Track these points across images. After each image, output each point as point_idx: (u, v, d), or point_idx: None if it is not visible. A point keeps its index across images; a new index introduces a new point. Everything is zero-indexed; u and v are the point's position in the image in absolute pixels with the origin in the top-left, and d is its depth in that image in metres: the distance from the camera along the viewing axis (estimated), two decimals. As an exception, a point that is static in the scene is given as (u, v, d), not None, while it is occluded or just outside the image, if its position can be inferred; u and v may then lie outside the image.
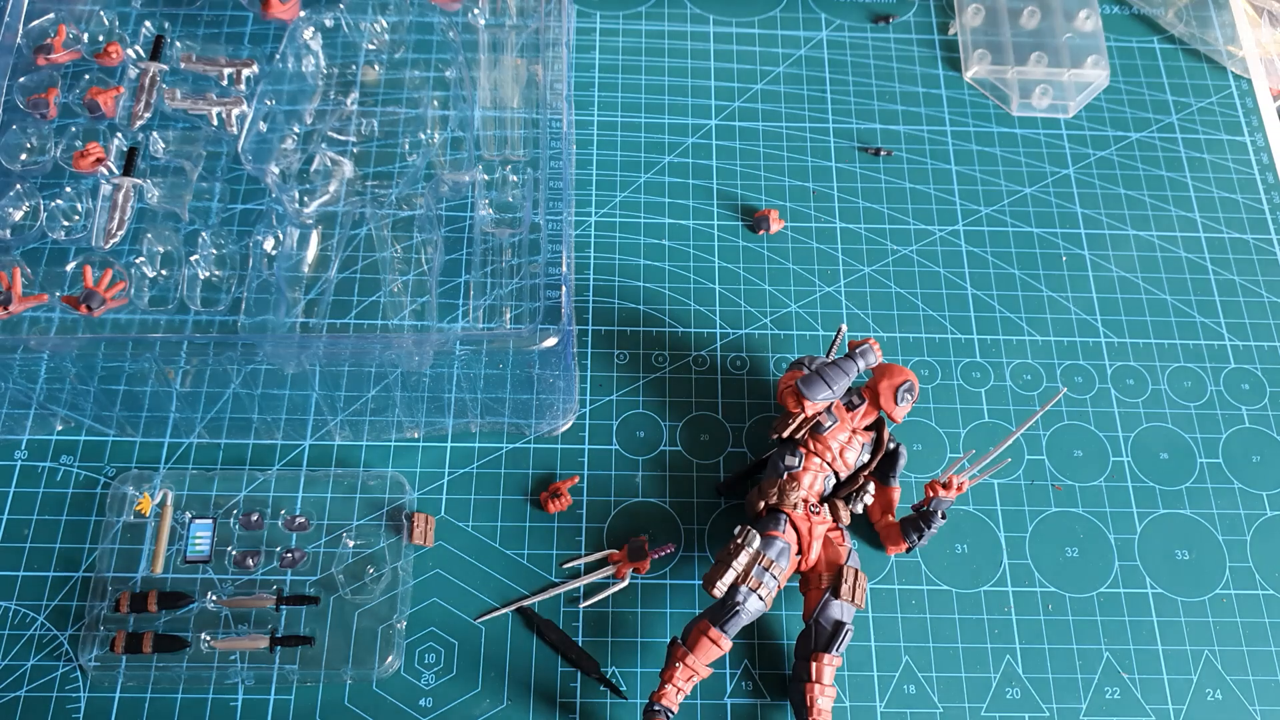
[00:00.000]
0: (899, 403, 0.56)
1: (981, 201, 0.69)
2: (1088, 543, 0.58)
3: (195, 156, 0.63)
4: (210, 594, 0.54)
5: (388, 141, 0.65)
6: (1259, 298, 0.67)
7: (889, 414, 0.57)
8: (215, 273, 0.60)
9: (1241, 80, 0.76)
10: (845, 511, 0.56)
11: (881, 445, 0.57)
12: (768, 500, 0.54)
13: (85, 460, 0.58)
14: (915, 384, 0.57)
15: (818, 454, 0.55)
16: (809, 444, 0.55)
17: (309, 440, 0.58)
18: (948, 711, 0.54)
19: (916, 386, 0.57)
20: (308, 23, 0.67)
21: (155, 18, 0.67)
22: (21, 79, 0.63)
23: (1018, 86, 0.74)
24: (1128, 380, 0.63)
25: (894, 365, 0.57)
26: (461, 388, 0.56)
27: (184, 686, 0.52)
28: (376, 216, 0.63)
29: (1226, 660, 0.55)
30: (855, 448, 0.56)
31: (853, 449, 0.56)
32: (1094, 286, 0.67)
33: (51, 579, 0.55)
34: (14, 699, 0.52)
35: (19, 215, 0.60)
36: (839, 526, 0.55)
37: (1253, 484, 0.61)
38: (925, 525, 0.55)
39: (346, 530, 0.56)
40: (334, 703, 0.52)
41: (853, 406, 0.57)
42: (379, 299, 0.61)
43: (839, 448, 0.55)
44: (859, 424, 0.57)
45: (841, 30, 0.76)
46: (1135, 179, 0.71)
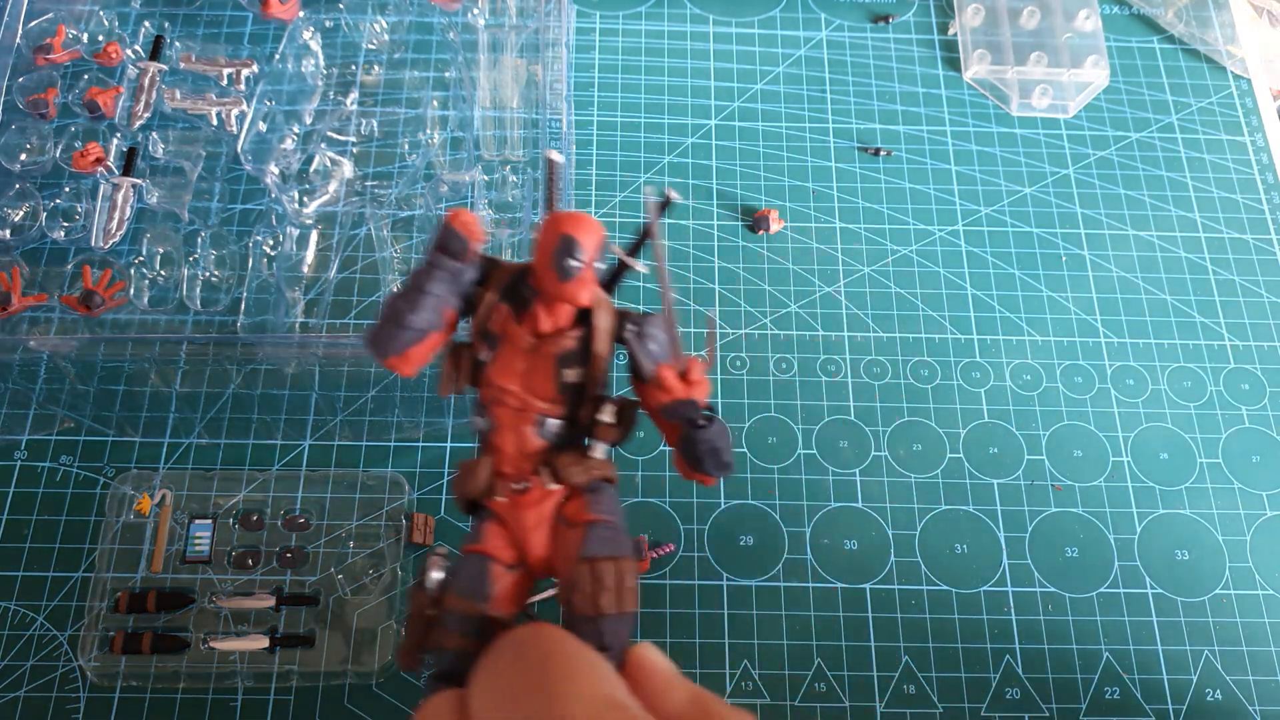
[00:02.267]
0: (560, 266, 0.33)
1: (981, 201, 0.69)
2: (1087, 543, 0.58)
3: (195, 157, 0.63)
4: (210, 594, 0.54)
5: (387, 142, 0.65)
6: (1259, 298, 0.67)
7: (557, 292, 0.34)
8: (215, 273, 0.60)
9: (1241, 80, 0.76)
10: (576, 468, 0.35)
11: (597, 332, 0.35)
12: (460, 495, 0.36)
13: (85, 460, 0.58)
14: (586, 237, 0.33)
15: (499, 398, 0.35)
16: (484, 391, 0.36)
17: (308, 440, 0.58)
18: (947, 712, 0.53)
19: (595, 239, 0.34)
20: (307, 23, 0.67)
21: (155, 18, 0.67)
22: (21, 79, 0.63)
23: (1017, 86, 0.74)
24: (1128, 380, 0.63)
25: (555, 216, 0.34)
26: (461, 388, 0.56)
27: (183, 686, 0.52)
28: (376, 216, 0.63)
29: (1226, 660, 0.55)
30: (556, 360, 0.35)
31: (552, 363, 0.35)
32: (1094, 286, 0.67)
33: (51, 579, 0.55)
34: (13, 699, 0.52)
35: (18, 215, 0.60)
36: (580, 491, 0.35)
37: (1253, 484, 0.61)
38: (697, 442, 0.36)
39: (346, 530, 0.56)
40: (333, 703, 0.52)
41: (524, 306, 0.35)
42: (379, 299, 0.61)
43: (524, 370, 0.35)
44: (554, 324, 0.35)
45: (841, 30, 0.76)
46: (1135, 179, 0.71)
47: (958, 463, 0.60)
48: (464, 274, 0.35)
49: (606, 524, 0.33)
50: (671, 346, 0.37)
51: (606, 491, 0.35)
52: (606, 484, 0.35)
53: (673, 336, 0.36)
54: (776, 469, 0.60)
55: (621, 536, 0.34)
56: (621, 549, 0.33)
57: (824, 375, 0.62)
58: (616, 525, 0.34)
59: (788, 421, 0.61)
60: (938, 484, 0.59)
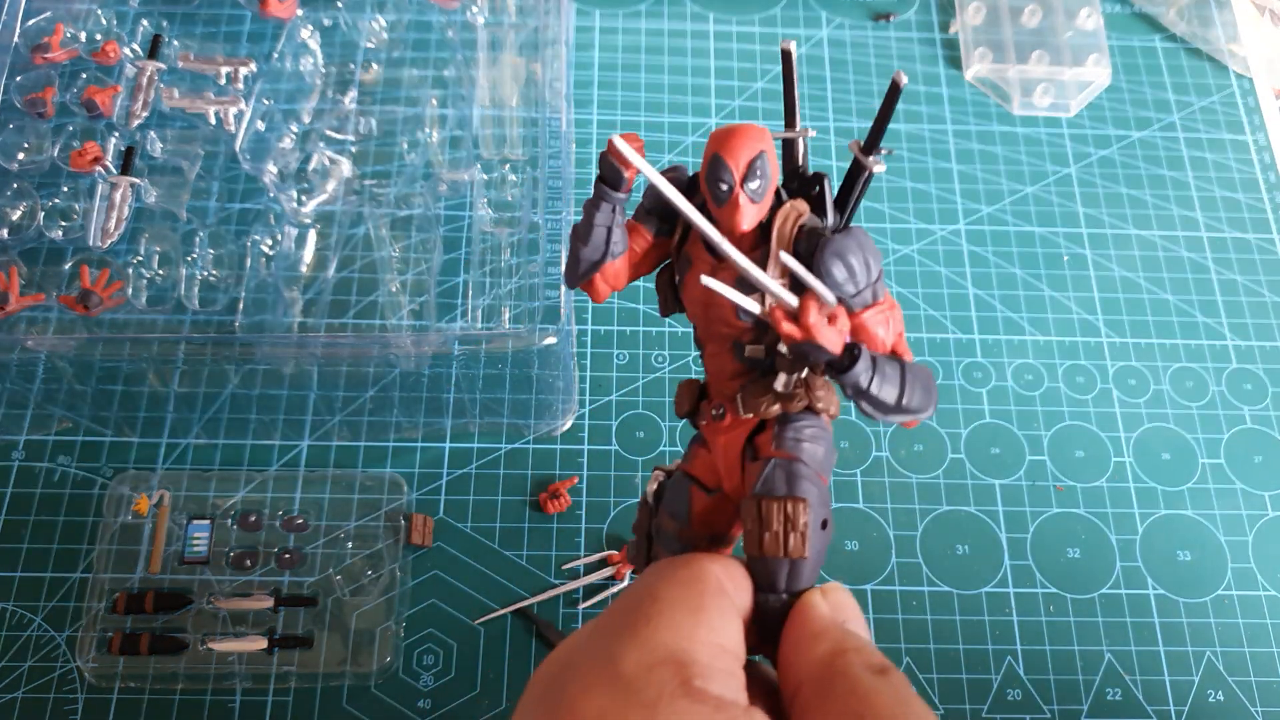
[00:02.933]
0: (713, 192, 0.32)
1: (983, 200, 0.69)
2: (1089, 543, 0.58)
3: (193, 156, 0.63)
4: (208, 595, 0.53)
5: (386, 140, 0.65)
6: (1261, 297, 0.67)
7: (717, 217, 0.32)
8: (213, 272, 0.60)
9: (1243, 79, 0.76)
10: (765, 397, 0.32)
11: (770, 256, 0.32)
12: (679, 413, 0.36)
13: (82, 461, 0.58)
14: (735, 156, 0.31)
15: (694, 320, 0.34)
16: (688, 312, 0.35)
17: (307, 441, 0.58)
18: (949, 713, 0.53)
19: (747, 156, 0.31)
20: (305, 21, 0.67)
21: (153, 16, 0.67)
22: (18, 78, 0.63)
23: (1019, 85, 0.74)
24: (1129, 380, 0.63)
25: (713, 133, 0.32)
26: (460, 388, 0.56)
27: (181, 688, 0.52)
28: (375, 216, 0.62)
29: (1228, 661, 0.55)
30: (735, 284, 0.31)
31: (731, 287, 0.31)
32: (1096, 286, 0.66)
33: (48, 580, 0.54)
34: (11, 700, 0.52)
35: (16, 215, 0.60)
36: (773, 423, 0.33)
37: (1255, 484, 0.60)
38: (843, 386, 0.31)
39: (344, 531, 0.55)
40: (332, 704, 0.52)
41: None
42: (377, 299, 0.61)
43: (707, 292, 0.31)
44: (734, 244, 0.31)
45: (842, 29, 0.76)
46: (1137, 178, 0.71)
47: (959, 463, 0.60)
48: (622, 203, 0.34)
49: (787, 461, 0.31)
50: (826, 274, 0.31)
51: (805, 425, 0.32)
52: (809, 415, 0.32)
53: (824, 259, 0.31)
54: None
55: (802, 477, 0.31)
56: (796, 489, 0.31)
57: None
58: (801, 463, 0.31)
59: (788, 421, 0.60)
60: (939, 484, 0.59)
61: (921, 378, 0.32)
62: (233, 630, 0.53)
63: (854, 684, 0.28)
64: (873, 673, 0.28)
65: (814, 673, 0.29)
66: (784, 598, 0.31)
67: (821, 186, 0.33)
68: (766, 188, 0.31)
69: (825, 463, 0.32)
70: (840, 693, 0.28)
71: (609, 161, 0.33)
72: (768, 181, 0.31)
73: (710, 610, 0.28)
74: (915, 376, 0.32)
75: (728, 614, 0.29)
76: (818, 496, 0.31)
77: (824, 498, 0.31)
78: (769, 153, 0.32)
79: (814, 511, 0.31)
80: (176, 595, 0.53)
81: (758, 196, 0.31)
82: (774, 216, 0.32)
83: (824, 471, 0.32)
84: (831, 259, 0.31)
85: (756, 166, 0.31)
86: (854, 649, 0.29)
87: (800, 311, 0.30)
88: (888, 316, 0.32)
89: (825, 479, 0.32)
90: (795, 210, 0.33)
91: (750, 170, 0.31)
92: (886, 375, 0.31)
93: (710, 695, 0.26)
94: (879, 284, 0.32)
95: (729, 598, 0.29)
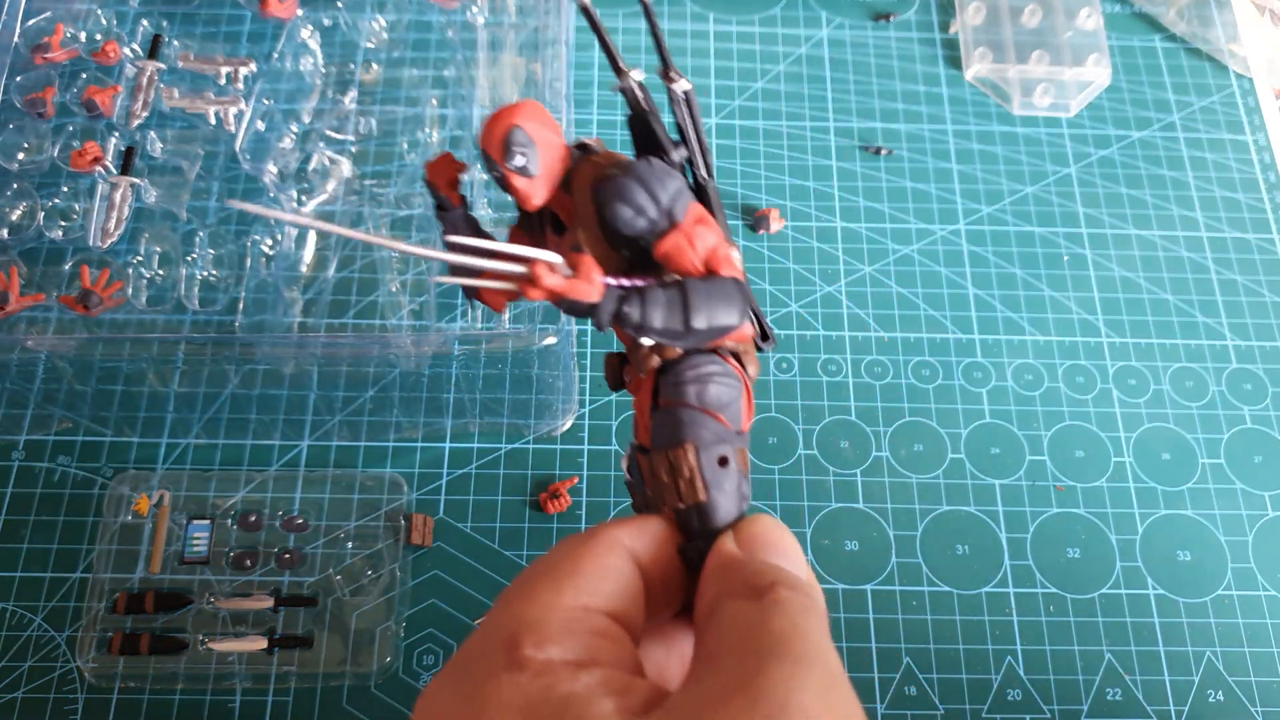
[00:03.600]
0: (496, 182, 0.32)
1: (983, 200, 0.69)
2: (1089, 544, 0.58)
3: (193, 156, 0.63)
4: (208, 595, 0.53)
5: (386, 140, 0.65)
6: (1261, 297, 0.67)
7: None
8: (213, 272, 0.60)
9: (1243, 79, 0.76)
10: (642, 353, 0.32)
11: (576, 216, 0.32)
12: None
13: (82, 461, 0.58)
14: (490, 143, 0.31)
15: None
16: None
17: (307, 441, 0.58)
18: (949, 713, 0.53)
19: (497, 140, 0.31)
20: (305, 21, 0.67)
21: (153, 16, 0.67)
22: (18, 78, 0.62)
23: (1019, 85, 0.74)
24: (1129, 380, 0.63)
25: None
26: (460, 388, 0.56)
27: (181, 688, 0.52)
28: (375, 216, 0.62)
29: (1228, 661, 0.55)
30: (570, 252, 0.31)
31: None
32: (1096, 286, 0.66)
33: (49, 580, 0.54)
34: (11, 700, 0.52)
35: (16, 215, 0.60)
36: (659, 379, 0.32)
37: (1255, 484, 0.60)
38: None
39: (344, 531, 0.55)
40: (332, 704, 0.52)
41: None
42: (377, 299, 0.61)
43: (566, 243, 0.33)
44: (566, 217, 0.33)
45: (842, 28, 0.76)
46: (1137, 178, 0.71)
47: (959, 463, 0.60)
48: (459, 218, 0.34)
49: (669, 409, 0.31)
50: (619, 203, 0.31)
51: (685, 368, 0.31)
52: (697, 356, 0.31)
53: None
54: (777, 469, 0.59)
55: (683, 421, 0.30)
56: (678, 435, 0.30)
57: (825, 375, 0.62)
58: (683, 407, 0.31)
59: (788, 422, 0.61)
60: (939, 484, 0.59)
61: (717, 291, 0.31)
62: (233, 630, 0.53)
63: (719, 619, 0.27)
64: (747, 598, 0.27)
65: (702, 617, 0.28)
66: (704, 544, 0.30)
67: (650, 127, 0.33)
68: (535, 157, 0.31)
69: (718, 398, 0.31)
70: (709, 633, 0.27)
71: (429, 188, 0.34)
72: (533, 150, 0.31)
73: (585, 573, 0.27)
74: (706, 293, 0.30)
75: (608, 573, 0.28)
76: (709, 435, 0.30)
77: (720, 434, 0.30)
78: (530, 123, 0.31)
79: (705, 452, 0.30)
80: (176, 595, 0.53)
81: (528, 171, 0.31)
82: (574, 177, 0.32)
83: (719, 408, 0.31)
84: (614, 205, 0.30)
85: (511, 143, 0.31)
86: (740, 579, 0.28)
87: (533, 276, 0.29)
88: (690, 235, 0.31)
89: (720, 416, 0.31)
90: (593, 164, 0.32)
91: (507, 149, 0.31)
92: (660, 302, 0.30)
93: (534, 661, 0.25)
94: (677, 206, 0.31)
95: (619, 556, 0.28)
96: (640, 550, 0.29)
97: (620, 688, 0.25)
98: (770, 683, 0.24)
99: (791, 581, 0.27)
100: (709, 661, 0.26)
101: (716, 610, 0.27)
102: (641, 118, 0.33)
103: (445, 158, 0.34)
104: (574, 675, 0.25)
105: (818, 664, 0.25)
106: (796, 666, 0.24)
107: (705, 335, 0.31)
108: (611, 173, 0.31)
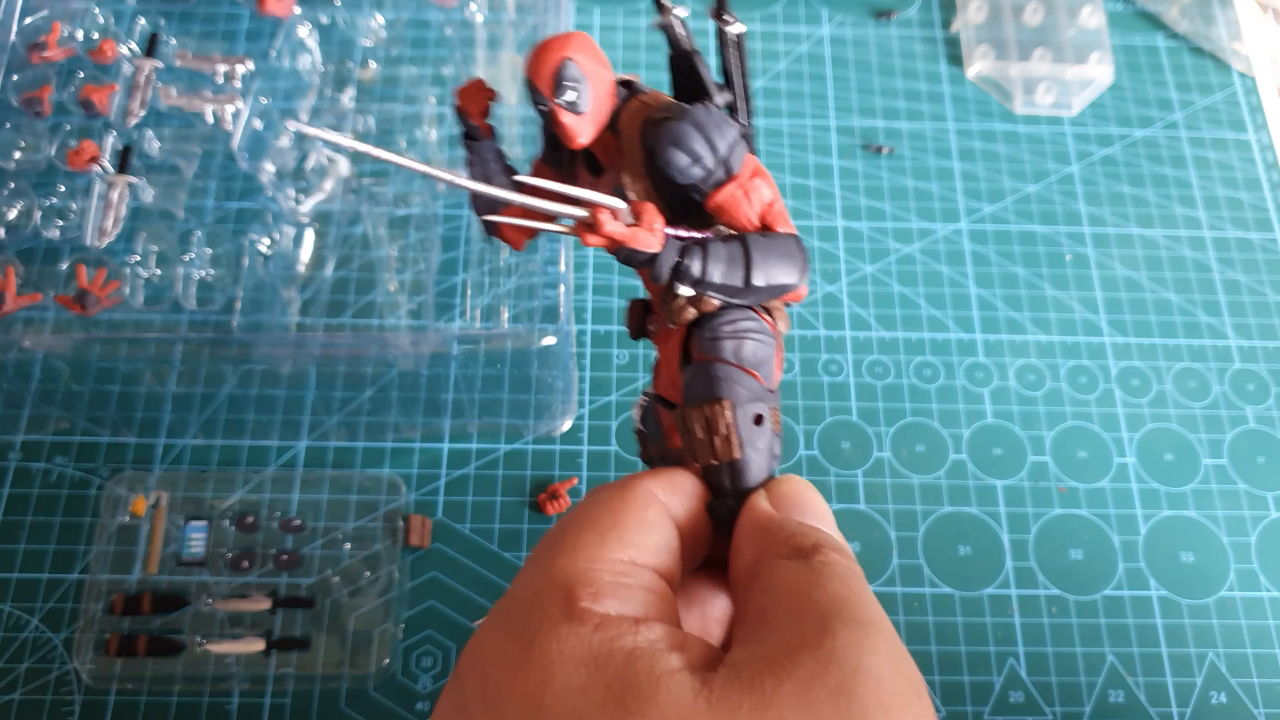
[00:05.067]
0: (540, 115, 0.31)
1: (985, 199, 0.69)
2: (1092, 545, 0.58)
3: (190, 154, 0.62)
4: (205, 596, 0.53)
5: (384, 139, 0.65)
6: (1264, 297, 0.66)
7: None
8: (210, 272, 0.60)
9: (1246, 78, 0.75)
10: (677, 303, 0.31)
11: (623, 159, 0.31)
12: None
13: (79, 461, 0.57)
14: (539, 75, 0.30)
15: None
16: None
17: (304, 441, 0.58)
18: (951, 716, 0.53)
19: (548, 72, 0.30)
20: (303, 19, 0.67)
21: (150, 15, 0.67)
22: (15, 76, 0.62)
23: (1021, 83, 0.73)
24: (1132, 380, 0.63)
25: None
26: (459, 388, 0.56)
27: (179, 689, 0.52)
28: (373, 214, 0.62)
29: (1231, 663, 0.55)
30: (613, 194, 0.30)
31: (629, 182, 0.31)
32: (1098, 285, 0.66)
33: (46, 581, 0.54)
34: (8, 702, 0.51)
35: (13, 214, 0.60)
36: (692, 332, 0.31)
37: (1258, 485, 0.60)
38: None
39: (342, 532, 0.55)
40: (329, 706, 0.52)
41: None
42: (375, 298, 0.61)
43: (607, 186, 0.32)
44: (604, 158, 0.32)
45: (843, 26, 0.76)
46: (1139, 177, 0.71)
47: (961, 464, 0.60)
48: (490, 149, 0.33)
49: (705, 364, 0.30)
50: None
51: (722, 323, 0.30)
52: (733, 311, 0.30)
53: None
54: (777, 470, 0.59)
55: (719, 377, 0.30)
56: (714, 390, 0.30)
57: (826, 375, 0.62)
58: (720, 362, 0.30)
59: (789, 422, 0.60)
60: (941, 485, 0.59)
61: (778, 248, 0.30)
62: (230, 632, 0.52)
63: (768, 579, 0.27)
64: (794, 558, 0.27)
65: (742, 578, 0.28)
66: (733, 502, 0.30)
67: (695, 68, 0.32)
68: (586, 93, 0.30)
69: (754, 355, 0.30)
70: (755, 590, 0.27)
71: (459, 114, 0.33)
72: (584, 86, 0.30)
73: (627, 527, 0.27)
74: (767, 250, 0.30)
75: (649, 527, 0.28)
76: (745, 393, 0.30)
77: (755, 392, 0.30)
78: (582, 56, 0.30)
79: (741, 409, 0.29)
80: (174, 597, 0.53)
81: (578, 108, 0.30)
82: (620, 117, 0.31)
83: (755, 365, 0.30)
84: (669, 150, 0.29)
85: (564, 77, 0.29)
86: (782, 539, 0.28)
87: (594, 222, 0.28)
88: (746, 189, 0.30)
89: (756, 374, 0.30)
90: (642, 104, 0.31)
91: (557, 83, 0.29)
92: (721, 257, 0.29)
93: (594, 614, 0.25)
94: (734, 157, 0.30)
95: (657, 511, 0.28)
96: (673, 505, 0.29)
97: (678, 643, 0.25)
98: (839, 646, 0.24)
99: (834, 543, 0.28)
100: (763, 622, 0.26)
101: (762, 570, 0.27)
102: (686, 57, 0.32)
103: (477, 83, 0.32)
104: (635, 630, 0.25)
105: (884, 629, 0.25)
106: (865, 631, 0.24)
107: (765, 294, 0.30)
108: (665, 115, 0.30)
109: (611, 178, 0.31)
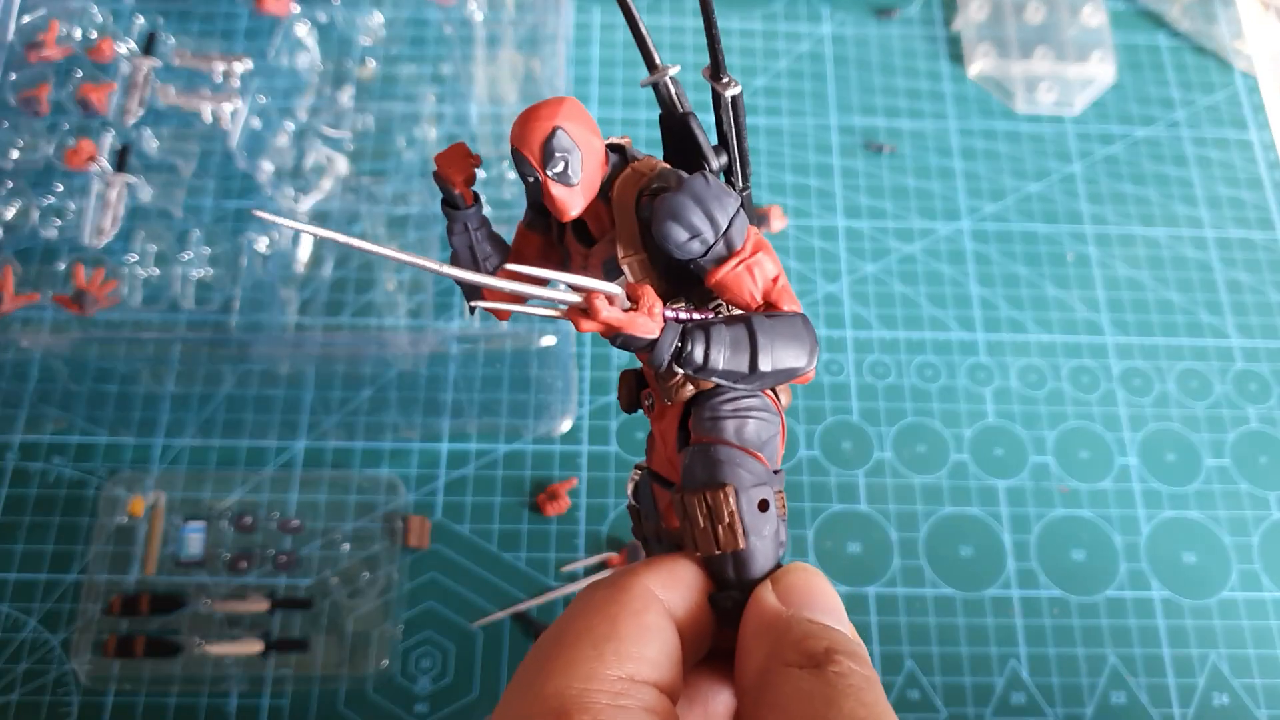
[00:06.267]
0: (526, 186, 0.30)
1: (986, 198, 0.69)
2: (1093, 546, 0.57)
3: (188, 153, 0.62)
4: (203, 597, 0.53)
5: (383, 137, 0.64)
6: (1265, 297, 0.66)
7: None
8: (209, 271, 0.59)
9: (1248, 77, 0.75)
10: (675, 382, 0.30)
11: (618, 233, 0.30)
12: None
13: (78, 461, 0.57)
14: (527, 145, 0.29)
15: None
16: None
17: (303, 441, 0.58)
18: (952, 716, 0.53)
19: (536, 143, 0.29)
20: (302, 18, 0.66)
21: (148, 13, 0.67)
22: (13, 75, 0.62)
23: (1023, 82, 0.73)
24: (1134, 380, 0.63)
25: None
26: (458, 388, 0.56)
27: (177, 690, 0.52)
28: (372, 214, 0.62)
29: (1233, 664, 0.55)
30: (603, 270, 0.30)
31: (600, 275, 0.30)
32: (1100, 285, 0.66)
33: (44, 581, 0.54)
34: (6, 703, 0.51)
35: (11, 213, 0.60)
36: (691, 409, 0.30)
37: (1260, 485, 0.60)
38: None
39: (341, 533, 0.55)
40: (328, 707, 0.52)
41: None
42: (374, 298, 0.61)
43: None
44: (597, 229, 0.31)
45: (844, 25, 0.76)
46: (1141, 176, 0.70)
47: (962, 464, 0.59)
48: (473, 218, 0.32)
49: (705, 446, 0.28)
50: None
51: (723, 401, 0.29)
52: (735, 389, 0.29)
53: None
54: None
55: (722, 460, 0.28)
56: (717, 475, 0.28)
57: (827, 375, 0.62)
58: (721, 444, 0.28)
59: (790, 422, 0.60)
60: (942, 486, 0.59)
61: (784, 330, 0.28)
62: (228, 633, 0.52)
63: (778, 691, 0.25)
64: (806, 669, 0.25)
65: (751, 681, 0.26)
66: (738, 594, 0.28)
67: (689, 130, 0.30)
68: (577, 163, 0.28)
69: (758, 435, 0.29)
70: (765, 705, 0.25)
71: (440, 182, 0.31)
72: (575, 155, 0.28)
73: (625, 636, 0.26)
74: (773, 332, 0.28)
75: (649, 635, 0.26)
76: (749, 477, 0.28)
77: (759, 476, 0.28)
78: (572, 124, 0.28)
79: (745, 495, 0.28)
80: (172, 597, 0.53)
81: (569, 179, 0.28)
82: (613, 186, 0.29)
83: (758, 446, 0.28)
84: (666, 224, 0.27)
85: (553, 147, 0.28)
86: (791, 643, 0.26)
87: (589, 308, 0.27)
88: (749, 265, 0.28)
89: (760, 455, 0.28)
90: (635, 173, 0.29)
91: (547, 154, 0.28)
92: (725, 341, 0.27)
93: None
94: (734, 230, 0.28)
95: (657, 614, 0.27)
96: (673, 602, 0.27)
97: None
98: None
99: (848, 647, 0.26)
100: None
101: (771, 679, 0.26)
102: (679, 118, 0.31)
103: (459, 149, 0.31)
104: None
105: None
106: None
107: (771, 379, 0.28)
108: (661, 186, 0.28)
109: (604, 248, 0.29)
